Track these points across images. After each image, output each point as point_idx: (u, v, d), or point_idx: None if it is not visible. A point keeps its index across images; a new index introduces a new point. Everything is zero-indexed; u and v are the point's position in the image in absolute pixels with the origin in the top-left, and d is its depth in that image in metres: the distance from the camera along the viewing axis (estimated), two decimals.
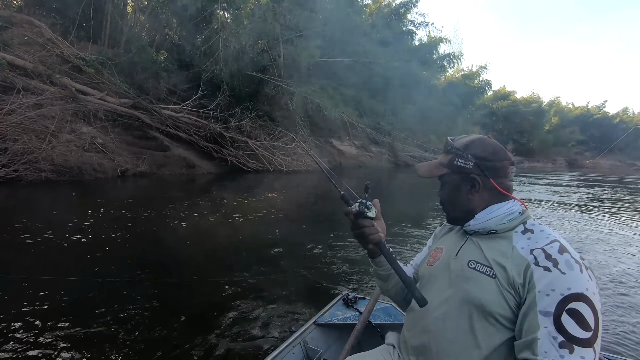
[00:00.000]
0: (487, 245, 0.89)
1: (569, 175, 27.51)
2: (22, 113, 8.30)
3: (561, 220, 7.27)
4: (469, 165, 0.92)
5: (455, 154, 0.95)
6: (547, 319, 0.72)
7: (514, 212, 0.90)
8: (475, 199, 0.93)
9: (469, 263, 0.90)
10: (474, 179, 0.92)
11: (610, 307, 3.13)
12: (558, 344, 0.69)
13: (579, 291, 0.72)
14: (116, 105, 10.87)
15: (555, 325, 0.71)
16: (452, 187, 0.96)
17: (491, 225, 0.90)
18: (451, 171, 0.95)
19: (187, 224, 5.25)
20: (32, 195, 6.72)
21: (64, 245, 3.94)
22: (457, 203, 0.96)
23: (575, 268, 0.75)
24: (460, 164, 0.94)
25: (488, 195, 0.92)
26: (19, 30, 10.77)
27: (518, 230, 0.88)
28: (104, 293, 2.84)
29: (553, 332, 0.71)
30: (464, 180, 0.94)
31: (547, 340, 0.70)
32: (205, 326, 2.48)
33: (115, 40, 14.03)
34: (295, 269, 3.64)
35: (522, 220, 0.89)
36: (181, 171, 11.54)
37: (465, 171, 0.93)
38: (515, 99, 51.32)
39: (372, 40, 18.00)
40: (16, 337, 2.21)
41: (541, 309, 0.73)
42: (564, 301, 0.72)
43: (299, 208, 7.18)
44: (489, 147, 0.94)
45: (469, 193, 0.93)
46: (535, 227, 0.87)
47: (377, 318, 1.69)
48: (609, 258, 4.63)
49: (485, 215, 0.91)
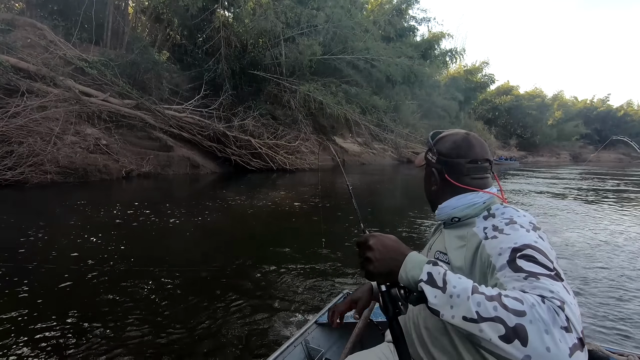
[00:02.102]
0: (450, 234, 0.94)
1: (572, 169, 27.34)
2: (26, 115, 8.33)
3: (557, 209, 7.23)
4: (433, 160, 1.00)
5: (429, 147, 1.03)
6: (503, 270, 0.69)
7: (477, 202, 0.92)
8: (438, 190, 0.99)
9: (436, 254, 0.95)
10: (431, 172, 1.00)
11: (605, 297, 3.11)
12: (523, 277, 0.65)
13: (526, 242, 0.71)
14: (119, 106, 10.89)
15: (513, 269, 0.68)
16: (426, 178, 1.04)
17: (454, 213, 0.93)
18: (426, 164, 1.04)
19: (192, 223, 5.25)
20: (40, 196, 6.75)
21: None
22: (427, 193, 1.06)
23: (521, 230, 0.76)
24: (428, 157, 1.03)
25: (449, 189, 0.96)
26: (21, 33, 10.80)
27: (480, 216, 0.90)
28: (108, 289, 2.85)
29: (514, 275, 0.67)
30: (432, 172, 1.01)
31: (511, 280, 0.66)
32: (206, 326, 2.48)
33: (117, 41, 14.06)
34: (295, 268, 3.63)
35: (486, 207, 0.91)
36: (185, 171, 11.57)
37: (430, 164, 1.01)
38: (518, 93, 51.01)
39: (374, 36, 17.89)
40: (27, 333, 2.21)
41: (498, 268, 0.71)
42: (514, 251, 0.70)
43: (301, 207, 7.17)
44: (454, 145, 0.97)
45: (432, 184, 1.01)
46: (497, 211, 0.88)
47: (378, 316, 1.68)
48: (613, 256, 4.59)
49: (446, 205, 0.95)
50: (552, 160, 49.04)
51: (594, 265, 4.07)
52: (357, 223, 1.37)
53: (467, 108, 37.72)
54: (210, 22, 14.21)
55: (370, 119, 17.69)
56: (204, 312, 2.65)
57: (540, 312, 0.55)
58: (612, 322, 2.79)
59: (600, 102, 61.69)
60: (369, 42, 17.19)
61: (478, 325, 0.58)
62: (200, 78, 14.00)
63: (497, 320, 0.56)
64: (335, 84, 16.34)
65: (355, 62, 16.73)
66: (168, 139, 11.88)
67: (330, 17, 15.54)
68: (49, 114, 8.82)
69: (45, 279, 3.10)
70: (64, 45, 11.22)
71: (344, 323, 1.69)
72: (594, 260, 4.25)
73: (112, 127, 10.37)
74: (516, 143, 48.49)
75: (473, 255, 0.82)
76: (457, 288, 0.62)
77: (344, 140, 21.92)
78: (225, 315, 2.62)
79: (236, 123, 12.98)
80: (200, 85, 13.72)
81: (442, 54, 25.45)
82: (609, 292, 3.32)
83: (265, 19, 14.03)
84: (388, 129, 20.16)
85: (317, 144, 16.37)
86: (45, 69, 9.89)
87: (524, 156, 46.20)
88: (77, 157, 8.70)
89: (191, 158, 11.98)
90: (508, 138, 48.39)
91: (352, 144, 22.38)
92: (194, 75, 14.70)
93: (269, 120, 14.70)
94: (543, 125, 49.93)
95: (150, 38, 14.81)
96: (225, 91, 13.73)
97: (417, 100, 25.16)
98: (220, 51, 13.66)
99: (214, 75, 13.83)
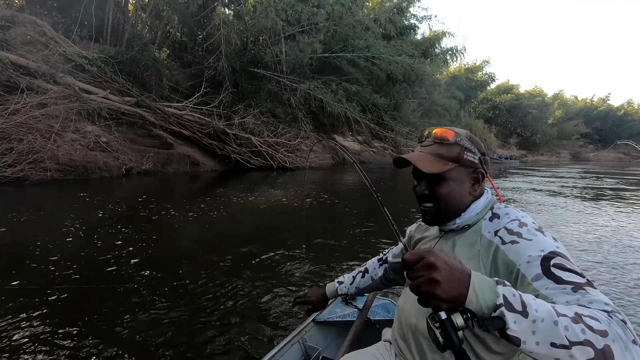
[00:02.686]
0: (460, 240, 0.91)
1: (570, 168, 27.34)
2: (26, 113, 8.31)
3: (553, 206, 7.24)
4: (476, 160, 0.91)
5: (464, 146, 0.91)
6: (541, 281, 0.69)
7: (487, 202, 0.93)
8: (476, 194, 0.92)
9: None
10: (479, 174, 0.92)
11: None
12: (571, 290, 0.65)
13: (552, 249, 0.73)
14: (119, 103, 10.87)
15: (554, 280, 0.67)
16: (457, 181, 0.90)
17: (468, 221, 0.91)
18: (459, 165, 0.90)
19: (190, 222, 5.26)
20: (42, 195, 6.75)
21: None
22: (457, 199, 0.91)
23: (538, 234, 0.77)
24: (469, 157, 0.90)
25: (479, 189, 0.93)
26: (21, 30, 10.77)
27: (486, 217, 0.89)
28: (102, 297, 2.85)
29: (557, 287, 0.66)
30: (468, 175, 0.91)
31: (559, 293, 0.66)
32: (202, 323, 2.48)
33: (117, 38, 14.03)
34: (294, 267, 3.63)
35: (490, 207, 0.92)
36: (185, 169, 11.56)
37: (474, 166, 0.91)
38: (519, 92, 50.93)
39: (374, 34, 17.87)
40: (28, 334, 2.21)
41: (531, 277, 0.71)
42: (545, 260, 0.71)
43: (300, 205, 7.17)
44: (481, 142, 0.96)
45: (471, 188, 0.91)
46: (500, 211, 0.89)
47: (375, 314, 1.69)
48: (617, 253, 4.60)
49: (472, 209, 0.91)
50: (552, 159, 49.03)
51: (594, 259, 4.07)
52: (393, 235, 1.37)
53: (468, 107, 37.68)
54: (211, 19, 14.17)
55: (370, 118, 17.68)
56: (201, 311, 2.65)
57: (616, 329, 0.55)
58: None
59: (600, 101, 61.64)
60: (369, 40, 17.17)
61: (568, 352, 0.54)
62: (201, 75, 13.97)
63: (587, 344, 0.54)
64: (336, 82, 16.32)
65: (355, 60, 16.72)
66: (168, 137, 11.86)
67: (331, 15, 15.52)
68: (49, 111, 8.80)
69: (50, 276, 3.10)
70: (64, 42, 11.19)
71: (342, 321, 1.70)
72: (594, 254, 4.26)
73: (112, 124, 10.35)
74: (516, 142, 48.48)
75: (491, 264, 0.80)
76: (539, 312, 0.57)
77: (344, 138, 21.89)
78: (222, 314, 2.62)
79: (236, 121, 12.96)
80: (200, 82, 13.69)
81: (442, 53, 25.40)
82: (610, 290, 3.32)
83: (266, 16, 14.01)
84: (388, 127, 20.15)
85: (312, 141, 16.34)
86: (45, 66, 9.87)
87: (524, 155, 46.19)
88: (77, 154, 8.68)
89: (191, 156, 11.97)
90: (508, 137, 48.37)
91: (352, 142, 22.36)
92: (194, 73, 14.67)
93: (269, 118, 14.69)
94: (543, 124, 49.91)
95: (150, 35, 14.77)
96: (226, 89, 13.71)
97: (417, 99, 25.13)
98: (220, 49, 13.62)
99: (214, 72, 13.80)
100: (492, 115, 47.74)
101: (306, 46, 14.55)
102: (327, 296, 1.41)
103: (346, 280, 1.41)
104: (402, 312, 1.02)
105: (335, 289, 1.40)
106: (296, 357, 1.55)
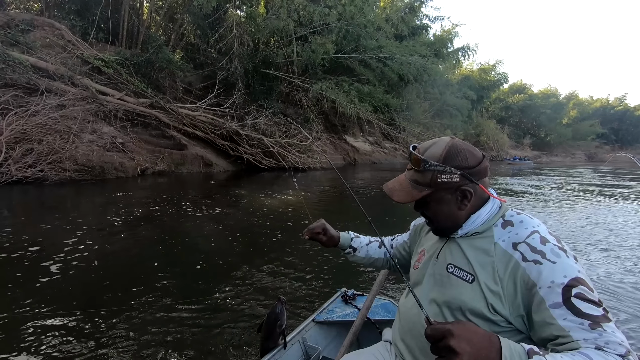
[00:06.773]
0: (470, 245, 0.89)
1: (588, 168, 26.72)
2: (46, 114, 8.48)
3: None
4: (455, 179, 0.86)
5: (436, 170, 0.86)
6: (560, 310, 0.71)
7: (494, 209, 0.90)
8: (468, 208, 0.89)
9: (448, 267, 0.91)
10: (464, 191, 0.87)
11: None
12: (589, 326, 0.68)
13: (574, 276, 0.73)
14: (135, 105, 11.01)
15: (573, 312, 0.70)
16: (439, 203, 0.90)
17: (474, 230, 0.89)
18: (435, 190, 0.88)
19: (205, 221, 5.28)
20: (67, 195, 6.87)
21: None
22: (447, 218, 0.91)
23: (562, 255, 0.76)
24: (445, 179, 0.86)
25: (475, 200, 0.89)
26: (40, 33, 11.01)
27: (498, 224, 0.87)
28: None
29: (576, 320, 0.70)
30: (452, 194, 0.88)
31: (577, 329, 0.69)
32: (202, 323, 2.48)
33: (133, 40, 14.23)
34: (294, 266, 3.62)
35: (501, 213, 0.89)
36: (199, 169, 11.66)
37: (453, 186, 0.87)
38: (532, 92, 50.04)
39: (386, 34, 17.75)
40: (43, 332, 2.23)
41: (550, 303, 0.72)
42: (567, 288, 0.72)
43: (310, 206, 7.15)
44: (467, 153, 0.87)
45: (460, 205, 0.89)
46: (514, 219, 0.87)
47: (375, 314, 1.69)
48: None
49: (472, 223, 0.89)
50: (567, 160, 48.04)
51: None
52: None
53: (480, 107, 37.18)
54: (223, 21, 14.27)
55: (382, 118, 17.57)
56: (201, 310, 2.66)
57: None
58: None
59: (617, 101, 60.24)
60: (381, 40, 17.06)
61: None
62: (214, 77, 14.09)
63: None
64: (348, 83, 16.26)
65: (367, 60, 16.62)
66: (182, 138, 11.98)
67: (343, 15, 15.47)
68: (67, 113, 8.96)
69: (68, 273, 3.14)
70: (81, 44, 11.40)
71: (342, 321, 1.69)
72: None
73: (127, 125, 10.50)
74: (530, 143, 47.64)
75: (509, 278, 0.79)
76: None
77: (355, 139, 21.83)
78: (223, 313, 2.63)
79: (249, 122, 13.02)
80: (213, 84, 13.80)
81: (454, 52, 25.11)
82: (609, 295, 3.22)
83: (278, 17, 14.03)
84: (400, 127, 20.01)
85: (327, 142, 16.32)
86: (64, 68, 10.06)
87: (538, 156, 45.38)
88: (94, 155, 8.83)
89: (204, 156, 12.07)
90: (521, 137, 47.55)
91: (363, 142, 22.28)
92: (207, 74, 14.79)
93: (280, 119, 14.71)
94: (557, 124, 48.94)
95: (164, 37, 14.93)
96: (238, 90, 13.78)
97: (429, 99, 24.89)
98: (233, 50, 13.70)
99: (226, 74, 13.88)
100: (505, 115, 46.97)
101: (318, 47, 14.53)
102: (339, 241, 1.32)
103: (362, 238, 1.35)
104: (403, 313, 1.02)
105: (351, 238, 1.33)
106: (296, 357, 1.55)
